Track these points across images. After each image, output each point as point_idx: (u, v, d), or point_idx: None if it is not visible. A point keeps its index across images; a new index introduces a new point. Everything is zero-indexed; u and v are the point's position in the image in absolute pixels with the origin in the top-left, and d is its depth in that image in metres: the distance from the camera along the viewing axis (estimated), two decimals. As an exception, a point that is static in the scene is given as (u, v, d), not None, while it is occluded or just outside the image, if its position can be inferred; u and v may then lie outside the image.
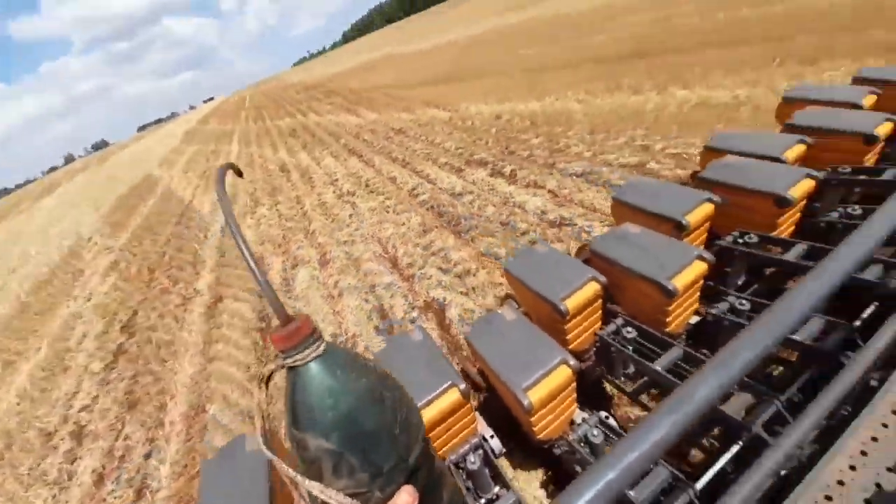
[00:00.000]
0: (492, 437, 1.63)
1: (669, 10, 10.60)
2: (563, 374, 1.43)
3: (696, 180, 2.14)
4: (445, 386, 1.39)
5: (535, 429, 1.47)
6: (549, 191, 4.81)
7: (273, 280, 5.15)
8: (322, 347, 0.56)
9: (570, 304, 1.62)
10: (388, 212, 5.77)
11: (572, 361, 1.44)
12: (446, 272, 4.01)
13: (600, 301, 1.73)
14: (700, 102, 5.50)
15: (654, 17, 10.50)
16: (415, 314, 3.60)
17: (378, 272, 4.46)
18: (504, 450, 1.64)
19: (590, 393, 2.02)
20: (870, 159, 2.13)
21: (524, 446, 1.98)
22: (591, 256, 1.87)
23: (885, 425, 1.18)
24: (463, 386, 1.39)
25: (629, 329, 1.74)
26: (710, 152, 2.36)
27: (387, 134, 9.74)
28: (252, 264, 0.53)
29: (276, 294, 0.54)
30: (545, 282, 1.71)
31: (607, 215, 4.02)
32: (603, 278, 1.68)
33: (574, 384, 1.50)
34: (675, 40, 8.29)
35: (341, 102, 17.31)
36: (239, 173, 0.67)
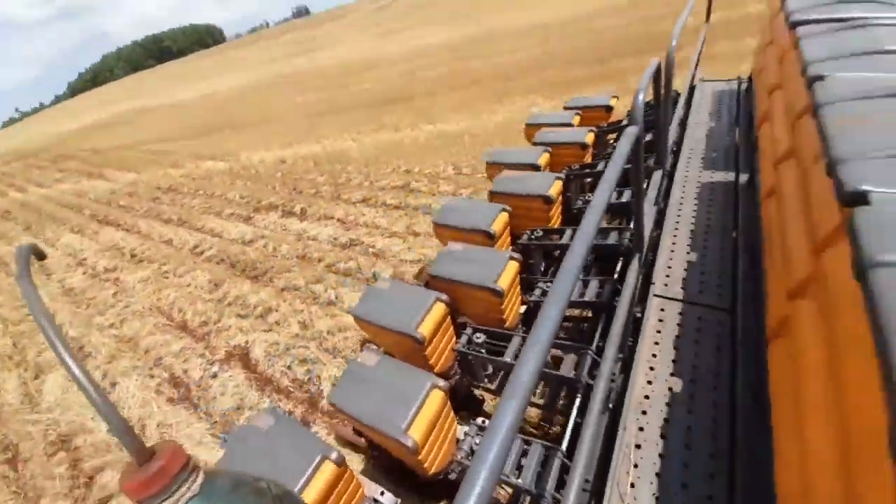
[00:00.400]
0: (382, 494, 1.54)
1: (414, 64, 13.04)
2: (436, 398, 1.41)
3: (490, 194, 2.53)
4: (317, 461, 1.25)
5: (425, 465, 1.40)
6: (338, 219, 5.31)
7: (11, 399, 3.88)
8: (198, 483, 0.44)
9: (424, 329, 1.66)
10: (166, 277, 5.13)
11: (441, 383, 1.44)
12: (245, 317, 3.94)
13: (449, 318, 1.82)
14: (439, 134, 7.10)
15: (403, 70, 12.71)
16: (215, 368, 3.42)
17: (163, 343, 3.97)
18: (399, 501, 1.55)
19: (464, 405, 2.12)
20: (587, 158, 2.98)
21: (420, 488, 1.89)
22: (430, 279, 1.98)
23: (656, 343, 1.52)
24: (335, 455, 1.28)
25: (478, 335, 1.91)
26: (491, 166, 2.94)
27: (152, 195, 8.47)
28: (84, 382, 0.41)
29: (125, 423, 0.42)
30: (395, 316, 1.72)
31: (386, 229, 4.78)
32: (445, 297, 1.77)
33: (448, 405, 1.49)
34: (420, 87, 10.30)
35: (79, 167, 13.86)
36: (41, 256, 0.55)
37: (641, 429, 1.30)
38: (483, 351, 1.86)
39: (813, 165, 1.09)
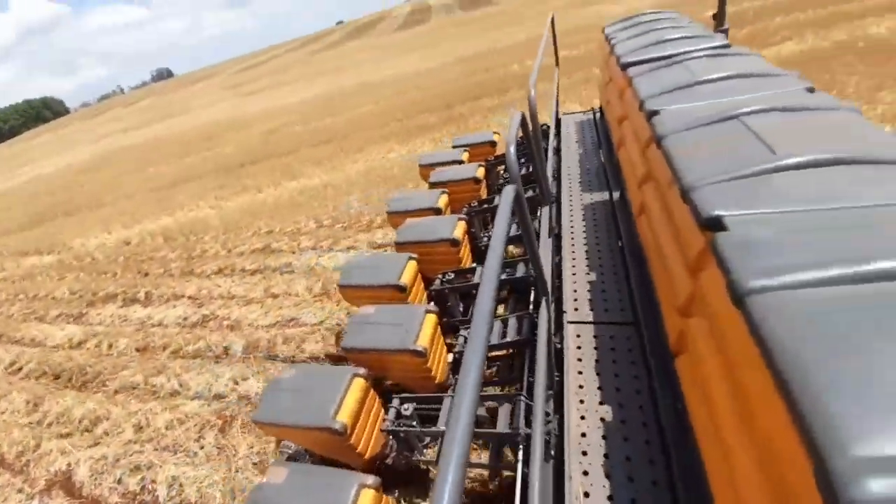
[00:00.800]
0: None
1: (277, 122, 13.02)
2: (367, 500, 1.23)
3: (396, 245, 2.47)
4: None
5: None
6: (189, 297, 4.96)
7: None
8: None
9: (343, 416, 1.45)
10: (-36, 412, 4.18)
11: (370, 480, 1.26)
12: (70, 435, 3.42)
13: (371, 392, 1.65)
14: (302, 189, 7.17)
15: (265, 129, 12.59)
16: (34, 503, 2.90)
17: (-44, 496, 3.22)
18: None
19: (407, 481, 1.96)
20: (482, 192, 3.02)
21: None
22: (345, 353, 1.84)
23: (580, 372, 1.48)
24: None
25: (406, 406, 1.70)
26: (392, 215, 2.85)
27: (-48, 311, 6.88)
28: None
29: None
30: (306, 409, 1.47)
31: (242, 297, 4.61)
32: (363, 371, 1.61)
33: (383, 500, 1.32)
34: (282, 145, 10.31)
35: None
36: None
37: (586, 472, 1.25)
38: (415, 423, 1.69)
39: (669, 190, 1.16)
